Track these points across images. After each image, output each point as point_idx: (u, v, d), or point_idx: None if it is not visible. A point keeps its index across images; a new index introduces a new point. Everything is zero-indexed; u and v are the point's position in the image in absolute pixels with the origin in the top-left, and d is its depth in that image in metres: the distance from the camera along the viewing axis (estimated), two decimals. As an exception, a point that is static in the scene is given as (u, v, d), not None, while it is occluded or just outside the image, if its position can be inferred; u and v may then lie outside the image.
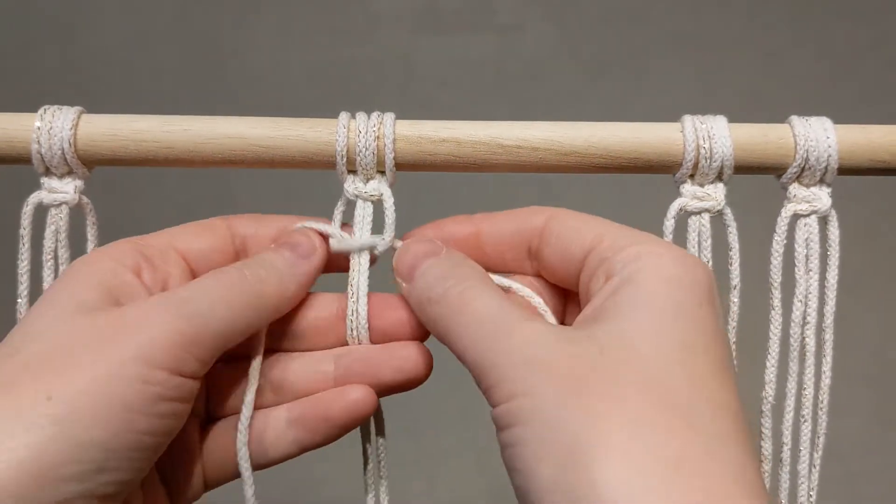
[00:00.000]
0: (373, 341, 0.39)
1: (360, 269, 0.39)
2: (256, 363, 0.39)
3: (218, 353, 0.36)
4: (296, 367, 0.39)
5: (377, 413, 0.41)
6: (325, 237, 0.40)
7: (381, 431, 0.41)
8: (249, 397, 0.39)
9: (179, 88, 1.04)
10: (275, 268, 0.38)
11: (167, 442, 0.34)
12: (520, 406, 0.31)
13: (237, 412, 0.39)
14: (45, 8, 1.02)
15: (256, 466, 0.39)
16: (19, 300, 0.39)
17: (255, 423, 0.39)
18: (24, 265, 0.39)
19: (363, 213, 0.40)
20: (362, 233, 0.39)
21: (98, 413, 0.31)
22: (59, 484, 0.30)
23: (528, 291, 0.38)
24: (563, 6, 1.02)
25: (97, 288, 0.35)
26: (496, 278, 0.39)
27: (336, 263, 0.41)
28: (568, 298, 0.40)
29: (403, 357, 0.38)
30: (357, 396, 0.38)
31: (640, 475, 0.28)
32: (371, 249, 0.40)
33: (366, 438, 0.41)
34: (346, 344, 0.40)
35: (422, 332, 0.39)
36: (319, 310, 0.40)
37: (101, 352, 0.32)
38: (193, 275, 0.39)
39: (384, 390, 0.39)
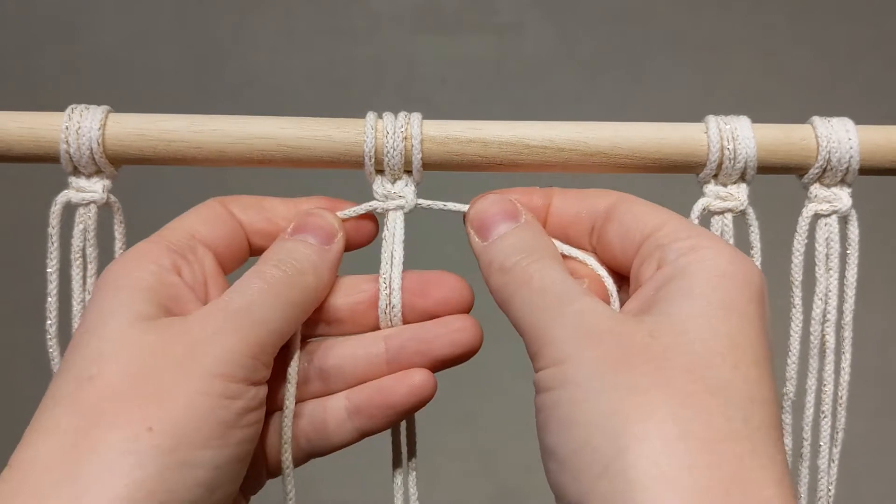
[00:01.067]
0: (409, 320, 0.40)
1: (393, 262, 0.40)
2: (295, 359, 0.39)
3: (277, 350, 0.36)
4: (343, 353, 0.40)
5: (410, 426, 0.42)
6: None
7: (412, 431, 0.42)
8: (290, 392, 0.39)
9: (179, 88, 1.04)
10: (308, 258, 0.38)
11: (254, 447, 0.35)
12: (564, 371, 0.31)
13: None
14: (45, 8, 1.02)
15: (320, 453, 0.40)
16: (49, 299, 0.39)
17: (315, 413, 0.39)
18: (52, 264, 0.39)
19: (394, 226, 0.40)
20: (393, 245, 0.40)
21: (198, 436, 0.31)
22: None
23: (604, 272, 0.39)
24: (563, 6, 1.02)
25: (150, 298, 0.35)
26: (575, 252, 0.39)
27: (353, 241, 0.41)
28: (621, 282, 0.40)
29: (458, 329, 0.39)
30: (419, 380, 0.39)
31: (671, 451, 0.28)
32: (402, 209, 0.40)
33: (396, 438, 0.42)
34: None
35: (463, 306, 0.40)
36: (354, 293, 0.40)
37: (185, 373, 0.32)
38: (221, 264, 0.39)
39: (439, 366, 0.39)
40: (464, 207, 0.40)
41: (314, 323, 0.40)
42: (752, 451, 0.29)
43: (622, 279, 0.39)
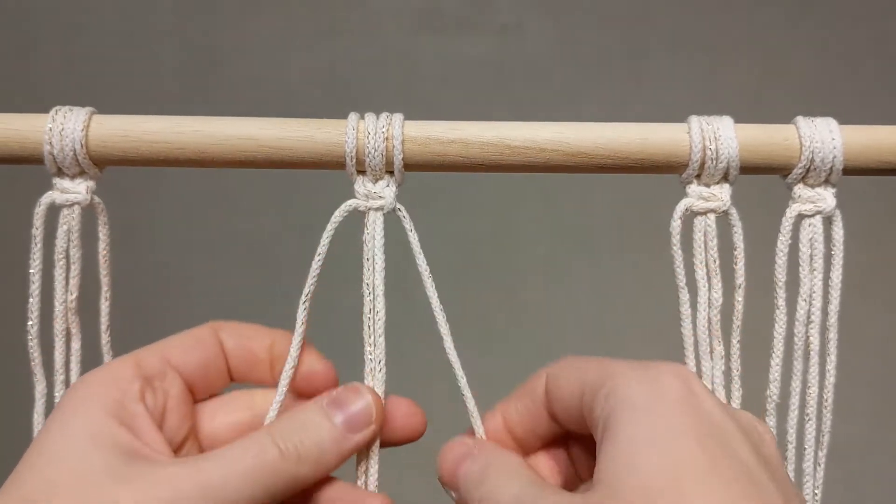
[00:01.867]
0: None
1: (375, 265, 0.40)
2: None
3: None
4: None
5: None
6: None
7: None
8: None
9: (179, 88, 1.04)
10: (317, 441, 0.36)
11: None
12: None
13: None
14: (45, 8, 1.03)
15: None
16: (31, 299, 0.39)
17: None
18: (36, 265, 0.39)
19: (374, 225, 0.40)
20: (374, 248, 0.40)
21: None
22: None
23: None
24: (563, 6, 1.02)
25: (111, 424, 0.35)
26: None
27: (399, 433, 0.41)
28: None
29: None
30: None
31: None
32: None
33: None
34: None
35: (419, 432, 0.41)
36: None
37: None
38: (192, 391, 0.39)
39: None
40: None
41: None
42: None
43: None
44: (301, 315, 0.40)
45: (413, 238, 0.40)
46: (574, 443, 0.40)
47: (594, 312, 1.01)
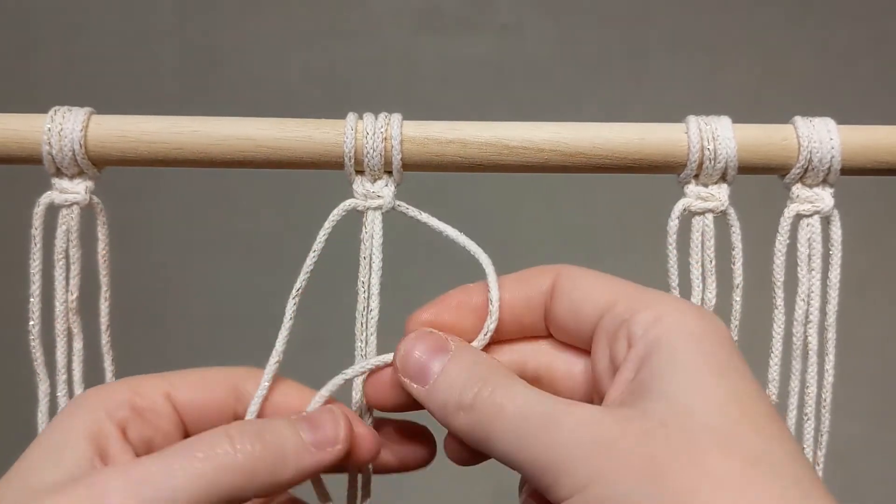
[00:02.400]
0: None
1: (371, 264, 0.40)
2: None
3: None
4: None
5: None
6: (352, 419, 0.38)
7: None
8: None
9: (179, 88, 1.04)
10: (278, 446, 0.34)
11: None
12: (595, 496, 0.29)
13: None
14: (45, 8, 1.03)
15: None
16: (32, 299, 0.40)
17: None
18: (35, 265, 0.39)
19: (373, 225, 0.40)
20: (373, 245, 0.40)
21: None
22: None
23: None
24: (563, 6, 1.02)
25: (83, 442, 0.34)
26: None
27: (405, 461, 0.40)
28: (581, 357, 0.38)
29: None
30: None
31: None
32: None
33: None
34: None
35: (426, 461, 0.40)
36: None
37: None
38: (186, 431, 0.37)
39: None
40: (387, 358, 0.39)
41: None
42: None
43: (581, 353, 0.38)
44: (290, 309, 0.40)
45: (426, 217, 0.40)
46: (548, 347, 0.38)
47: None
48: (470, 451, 0.36)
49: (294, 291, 0.40)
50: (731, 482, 0.28)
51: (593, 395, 0.36)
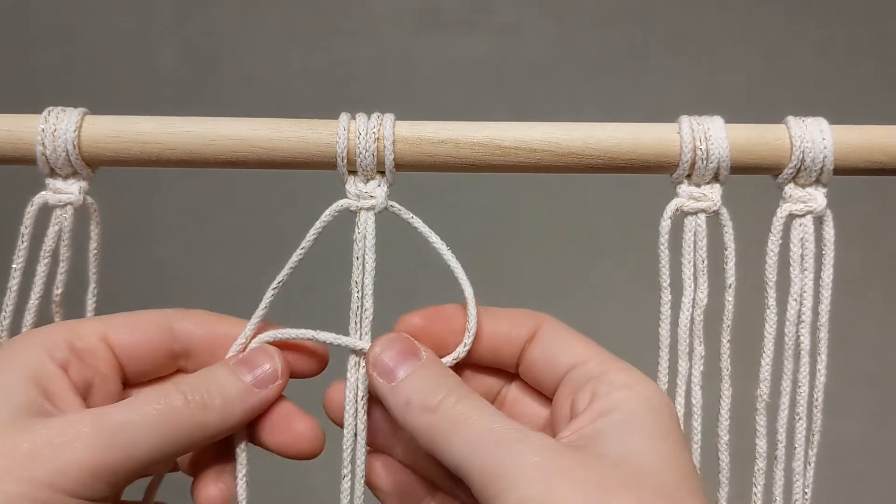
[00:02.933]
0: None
1: (364, 265, 0.40)
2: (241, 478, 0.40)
3: (138, 477, 0.36)
4: None
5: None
6: (292, 347, 0.40)
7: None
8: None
9: (179, 88, 1.04)
10: (223, 393, 0.37)
11: None
12: None
13: None
14: (45, 8, 1.03)
15: None
16: (8, 293, 0.40)
17: None
18: (19, 261, 0.40)
19: (366, 225, 0.40)
20: (365, 249, 0.40)
21: None
22: None
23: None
24: (563, 6, 1.02)
25: (25, 383, 0.35)
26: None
27: (298, 371, 0.41)
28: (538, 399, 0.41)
29: None
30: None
31: None
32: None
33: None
34: None
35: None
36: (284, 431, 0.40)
37: (10, 473, 0.32)
38: (122, 371, 0.39)
39: None
40: (361, 344, 0.40)
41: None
42: None
43: (541, 400, 0.41)
44: (266, 300, 0.40)
45: (417, 222, 0.40)
46: (515, 387, 0.42)
47: (594, 312, 1.01)
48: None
49: (274, 283, 0.40)
50: None
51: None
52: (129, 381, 0.40)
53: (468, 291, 0.40)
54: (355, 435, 0.40)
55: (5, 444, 0.33)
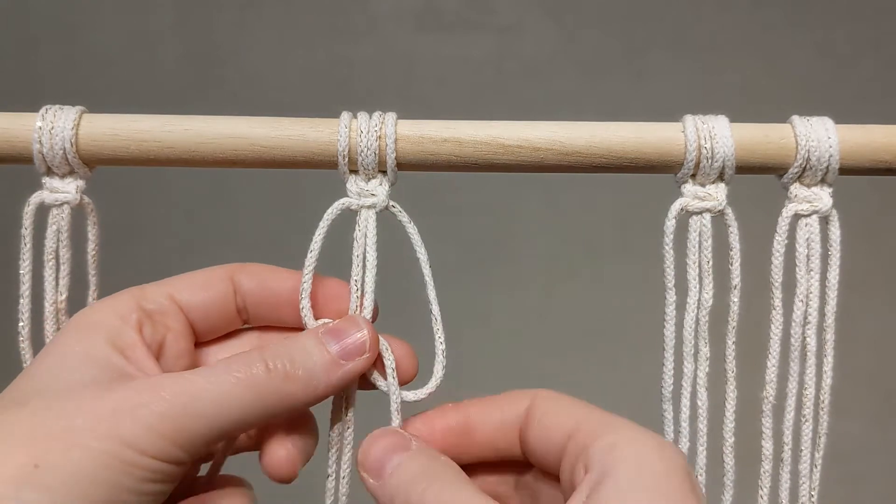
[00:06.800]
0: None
1: (365, 263, 0.40)
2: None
3: (215, 443, 0.36)
4: None
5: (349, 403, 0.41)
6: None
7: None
8: None
9: (179, 88, 1.04)
10: (308, 364, 0.36)
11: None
12: None
13: None
14: (45, 8, 1.02)
15: None
16: (21, 300, 0.39)
17: None
18: (25, 265, 0.39)
19: (367, 223, 0.40)
20: (367, 245, 0.39)
21: (79, 488, 0.31)
22: None
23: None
24: (563, 6, 1.02)
25: (105, 347, 0.35)
26: None
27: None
28: (555, 483, 0.39)
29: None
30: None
31: None
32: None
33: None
34: None
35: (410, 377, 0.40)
36: None
37: (94, 430, 0.32)
38: (193, 329, 0.39)
39: None
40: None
41: None
42: None
43: (552, 478, 0.38)
44: (306, 308, 0.39)
45: (412, 229, 0.40)
46: (524, 473, 0.40)
47: (597, 314, 1.01)
48: None
49: (302, 293, 0.39)
50: None
51: None
52: (200, 338, 0.40)
53: (435, 310, 0.40)
54: (341, 434, 0.40)
55: (90, 404, 0.33)
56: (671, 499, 0.32)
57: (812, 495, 0.41)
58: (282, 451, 0.38)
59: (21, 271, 0.39)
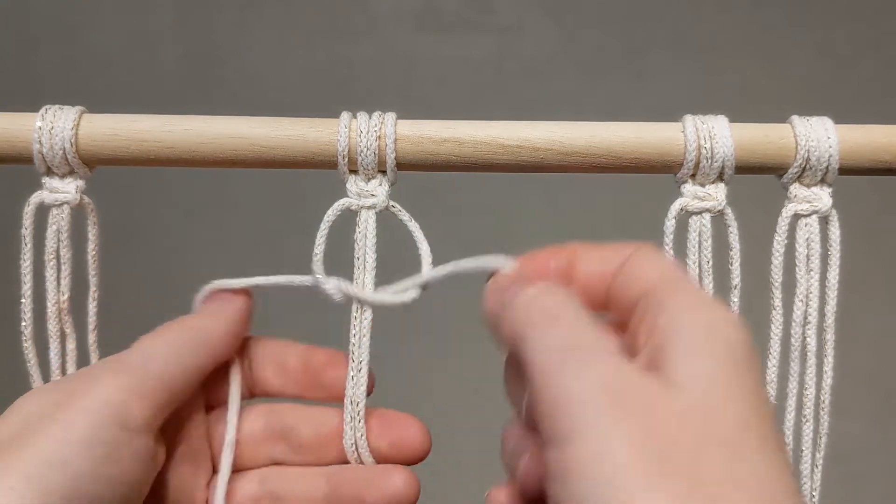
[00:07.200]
0: (373, 456, 0.40)
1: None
2: (232, 421, 0.40)
3: (171, 402, 0.36)
4: (292, 482, 0.40)
5: None
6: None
7: None
8: (226, 460, 0.40)
9: (179, 88, 1.04)
10: (201, 316, 0.40)
11: (139, 492, 0.35)
12: (585, 450, 0.27)
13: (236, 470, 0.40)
14: (45, 8, 1.02)
15: None
16: (23, 300, 0.39)
17: None
18: (26, 265, 0.39)
19: (367, 224, 0.39)
20: (366, 246, 0.39)
21: (45, 483, 0.31)
22: None
23: None
24: (563, 6, 1.02)
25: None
26: None
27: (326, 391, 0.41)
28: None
29: (390, 484, 0.39)
30: None
31: None
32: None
33: None
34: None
35: (420, 452, 0.40)
36: (321, 423, 0.40)
37: (53, 419, 0.33)
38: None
39: None
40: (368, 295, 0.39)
41: (282, 446, 0.41)
42: None
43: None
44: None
45: (414, 227, 0.40)
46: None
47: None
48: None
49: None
50: (715, 482, 0.27)
51: None
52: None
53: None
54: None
55: (49, 405, 0.34)
56: (736, 369, 0.30)
57: (813, 496, 0.41)
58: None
59: (22, 272, 0.39)
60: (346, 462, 0.40)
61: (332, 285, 0.38)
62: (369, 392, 0.40)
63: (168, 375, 0.36)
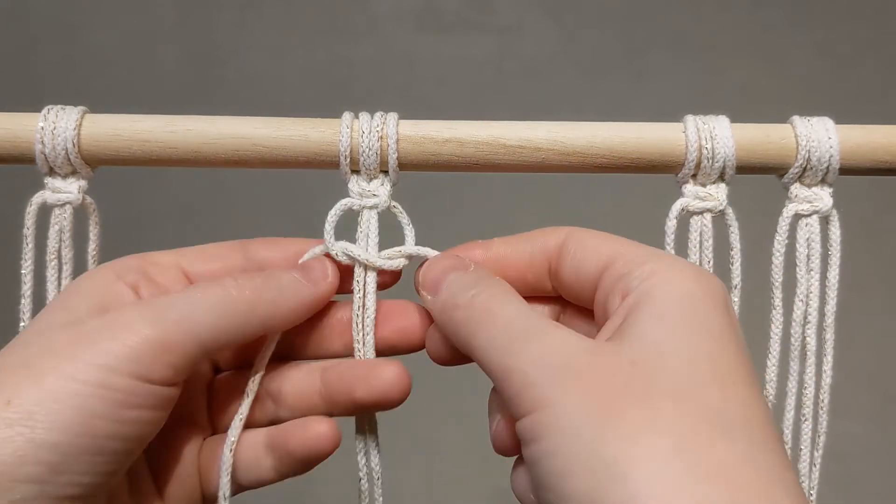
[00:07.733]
0: (378, 351, 0.39)
1: (365, 280, 0.40)
2: (256, 378, 0.39)
3: (197, 361, 0.35)
4: (291, 378, 0.39)
5: (371, 422, 0.40)
6: (340, 265, 0.39)
7: (374, 436, 0.41)
8: (241, 412, 0.38)
9: (179, 88, 1.04)
10: (276, 283, 0.37)
11: (138, 447, 0.34)
12: (549, 417, 0.30)
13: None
14: (45, 8, 1.03)
15: (239, 488, 0.39)
16: (23, 300, 0.39)
17: (241, 443, 0.39)
18: (27, 265, 0.39)
19: (368, 223, 0.40)
20: (368, 244, 0.40)
21: (54, 417, 0.31)
22: (15, 484, 0.30)
23: None
24: (562, 6, 1.02)
25: (90, 300, 0.35)
26: None
27: (347, 286, 0.40)
28: (591, 318, 0.38)
29: (379, 377, 0.38)
30: (318, 431, 0.38)
31: (681, 487, 0.27)
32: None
33: (361, 449, 0.41)
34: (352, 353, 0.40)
35: (415, 340, 0.40)
36: (328, 315, 0.40)
37: (63, 357, 0.32)
38: None
39: (358, 408, 0.38)
40: (427, 252, 0.40)
41: (286, 341, 0.40)
42: (759, 468, 0.28)
43: (588, 314, 0.38)
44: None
45: (409, 232, 0.40)
46: (559, 315, 0.40)
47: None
48: (449, 351, 0.38)
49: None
50: (681, 435, 0.28)
51: None
52: None
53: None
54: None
55: (65, 334, 0.33)
56: (708, 325, 0.32)
57: (811, 494, 0.41)
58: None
59: (23, 271, 0.39)
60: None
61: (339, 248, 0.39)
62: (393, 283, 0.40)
63: (204, 344, 0.35)
